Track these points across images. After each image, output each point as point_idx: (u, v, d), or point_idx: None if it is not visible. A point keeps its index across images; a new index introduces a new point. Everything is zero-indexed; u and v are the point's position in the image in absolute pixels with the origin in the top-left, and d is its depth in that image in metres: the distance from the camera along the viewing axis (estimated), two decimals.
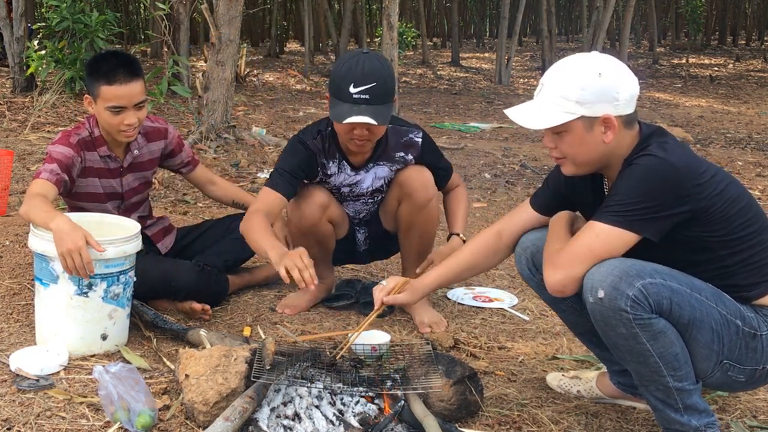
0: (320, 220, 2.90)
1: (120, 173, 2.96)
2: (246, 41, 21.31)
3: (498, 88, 14.59)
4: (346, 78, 2.63)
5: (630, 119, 1.96)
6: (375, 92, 2.61)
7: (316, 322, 2.96)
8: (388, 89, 2.67)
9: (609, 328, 1.86)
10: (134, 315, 2.74)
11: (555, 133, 1.98)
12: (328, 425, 2.06)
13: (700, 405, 1.93)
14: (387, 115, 2.67)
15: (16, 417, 2.11)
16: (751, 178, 6.36)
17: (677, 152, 1.90)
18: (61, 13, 8.52)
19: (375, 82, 2.61)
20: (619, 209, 1.88)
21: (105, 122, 2.82)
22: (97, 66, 2.80)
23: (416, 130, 2.96)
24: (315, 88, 13.49)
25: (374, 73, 2.62)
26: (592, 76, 1.91)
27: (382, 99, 2.64)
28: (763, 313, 1.94)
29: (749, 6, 30.26)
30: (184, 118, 8.01)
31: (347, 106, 2.62)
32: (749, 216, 1.93)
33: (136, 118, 2.80)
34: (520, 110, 2.03)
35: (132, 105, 2.78)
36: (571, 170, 2.05)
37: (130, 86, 2.76)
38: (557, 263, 1.94)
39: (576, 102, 1.91)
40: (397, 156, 2.91)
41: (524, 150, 7.57)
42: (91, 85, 2.80)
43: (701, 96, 13.93)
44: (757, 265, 1.94)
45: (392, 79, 2.70)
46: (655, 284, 1.82)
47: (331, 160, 2.90)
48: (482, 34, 34.23)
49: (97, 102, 2.80)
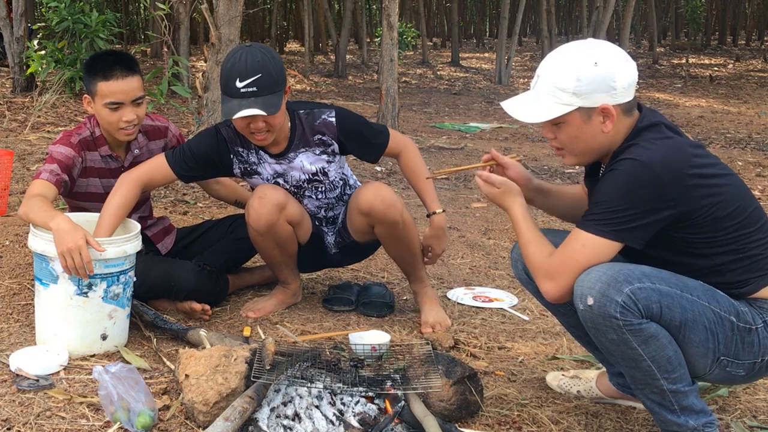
0: (277, 220, 2.83)
1: (121, 173, 2.93)
2: (246, 41, 21.31)
3: (498, 88, 14.59)
4: (232, 73, 2.63)
5: (629, 106, 1.93)
6: (261, 83, 2.61)
7: (316, 322, 2.96)
8: (275, 78, 2.65)
9: (600, 334, 1.86)
10: (134, 315, 2.74)
11: (554, 124, 1.96)
12: (328, 425, 2.06)
13: (697, 405, 1.92)
14: (277, 104, 2.65)
15: (16, 417, 2.11)
16: (751, 178, 6.36)
17: (661, 151, 1.85)
18: (61, 13, 8.53)
19: (260, 74, 2.61)
20: (601, 217, 1.86)
21: (104, 120, 2.83)
22: (94, 64, 2.81)
23: (328, 110, 2.89)
24: (315, 88, 13.50)
25: (257, 65, 2.61)
26: (587, 66, 1.87)
27: (269, 89, 2.63)
28: (758, 305, 1.92)
29: (749, 6, 30.25)
30: (184, 118, 8.01)
31: (236, 101, 2.62)
32: (742, 218, 1.90)
33: (134, 114, 2.80)
34: (516, 103, 2.01)
35: (130, 101, 2.79)
36: (572, 161, 2.04)
37: (126, 81, 2.77)
38: (548, 273, 1.94)
39: (572, 93, 1.88)
40: (315, 139, 2.87)
41: (524, 150, 7.57)
42: (89, 83, 2.81)
43: (701, 96, 13.93)
44: (748, 263, 1.92)
45: (278, 68, 2.67)
46: (643, 289, 1.81)
47: (248, 150, 2.87)
48: (482, 34, 34.24)
49: (95, 100, 2.80)
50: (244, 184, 3.47)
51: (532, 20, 34.93)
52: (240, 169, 2.90)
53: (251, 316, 2.98)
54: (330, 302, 3.13)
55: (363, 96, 12.85)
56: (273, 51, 2.75)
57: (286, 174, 2.90)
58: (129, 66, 2.81)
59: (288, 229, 2.89)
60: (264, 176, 2.90)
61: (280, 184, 2.91)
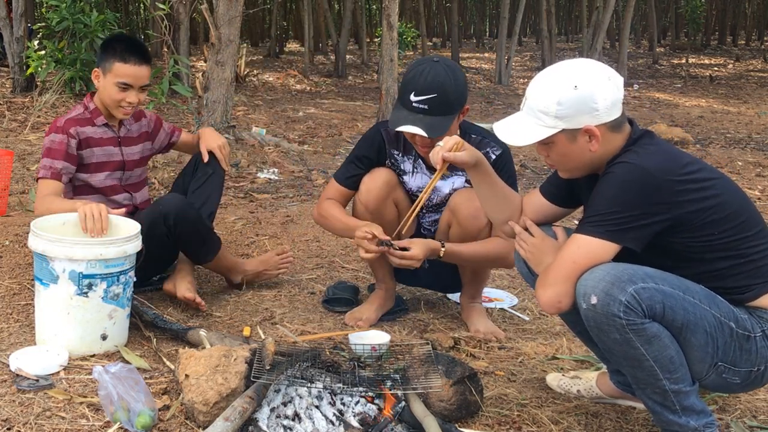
0: (387, 197, 2.83)
1: (118, 143, 3.16)
2: (246, 41, 21.32)
3: (498, 88, 14.59)
4: (410, 85, 2.60)
5: (616, 123, 1.95)
6: (434, 103, 2.57)
7: (316, 322, 2.96)
8: (450, 102, 2.59)
9: (603, 333, 1.86)
10: (134, 315, 2.74)
11: (543, 143, 2.00)
12: (328, 425, 2.06)
13: (698, 406, 1.92)
14: (443, 127, 2.58)
15: (16, 417, 2.11)
16: (751, 178, 6.36)
17: (654, 157, 1.88)
18: (60, 13, 8.53)
19: (435, 93, 2.57)
20: (597, 220, 1.88)
21: (108, 96, 3.04)
22: (114, 44, 3.05)
23: (497, 147, 2.83)
24: (315, 88, 13.50)
25: (435, 85, 2.57)
26: (567, 90, 1.90)
27: (441, 111, 2.59)
28: (758, 314, 1.93)
29: (749, 6, 30.26)
30: (184, 117, 8.02)
31: (405, 113, 2.61)
32: (739, 221, 1.91)
33: (137, 98, 3.06)
34: (505, 125, 2.06)
35: (138, 86, 3.04)
36: (566, 175, 2.09)
37: (141, 68, 3.03)
38: (546, 281, 1.95)
39: (555, 117, 1.92)
40: None
41: (524, 150, 7.57)
42: (105, 59, 3.03)
43: (701, 96, 13.93)
44: (749, 268, 1.93)
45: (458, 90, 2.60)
46: (647, 289, 1.81)
47: (406, 155, 2.88)
48: (482, 34, 34.23)
49: (107, 76, 3.02)
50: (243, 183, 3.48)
51: (532, 20, 34.93)
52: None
53: (360, 325, 2.92)
54: (330, 302, 3.13)
55: (363, 96, 12.85)
56: (458, 71, 2.67)
57: (433, 191, 2.88)
58: (145, 55, 3.08)
59: (394, 212, 2.88)
60: (410, 186, 2.90)
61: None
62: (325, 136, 8.18)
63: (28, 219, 3.92)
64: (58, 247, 2.45)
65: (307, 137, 8.03)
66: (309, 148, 7.40)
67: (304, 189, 5.58)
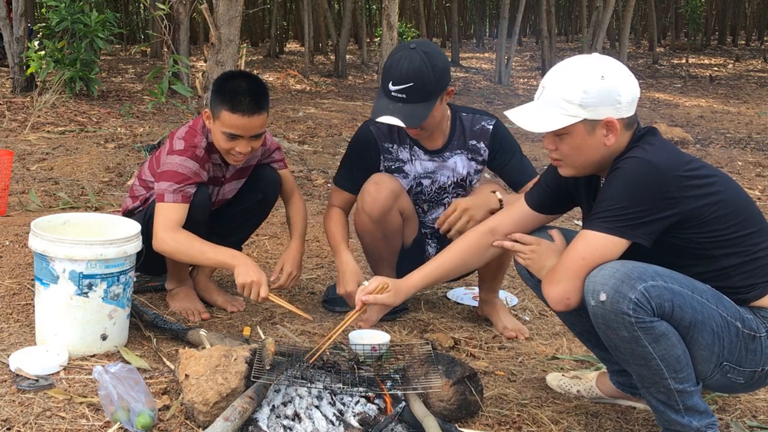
0: (392, 207, 2.81)
1: (221, 182, 2.92)
2: (246, 41, 21.32)
3: (498, 88, 14.59)
4: (388, 74, 2.61)
5: (631, 121, 1.97)
6: (411, 91, 2.58)
7: (316, 322, 2.96)
8: (429, 89, 2.59)
9: (611, 330, 1.86)
10: (134, 315, 2.74)
11: (556, 135, 1.98)
12: (328, 425, 2.06)
13: (701, 406, 1.93)
14: (423, 114, 2.60)
15: (16, 417, 2.11)
16: (751, 178, 6.36)
17: (660, 152, 1.89)
18: (60, 13, 8.54)
19: (412, 82, 2.57)
20: (607, 215, 1.88)
21: (217, 143, 2.75)
22: (225, 86, 2.67)
23: (489, 118, 2.88)
24: (315, 88, 13.50)
25: (411, 73, 2.57)
26: (594, 79, 1.91)
27: (420, 98, 2.59)
28: (762, 314, 1.93)
29: (749, 6, 30.27)
30: (185, 117, 8.01)
31: (385, 102, 2.62)
32: (743, 218, 1.91)
33: (249, 147, 2.72)
34: (521, 112, 2.02)
35: (249, 136, 2.70)
36: (569, 172, 2.06)
37: (252, 119, 2.65)
38: (554, 278, 1.95)
39: (579, 105, 1.91)
40: (470, 144, 2.86)
41: (524, 150, 7.56)
42: (215, 103, 2.69)
43: (701, 96, 13.93)
44: (754, 267, 1.93)
45: (436, 76, 2.59)
46: (657, 287, 1.81)
47: (400, 146, 2.87)
48: (482, 34, 34.23)
49: (215, 122, 2.71)
50: None
51: (532, 20, 34.93)
52: (384, 167, 2.91)
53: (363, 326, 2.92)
54: (330, 302, 3.13)
55: (363, 96, 12.85)
56: (436, 55, 2.64)
57: (436, 173, 2.89)
58: (259, 103, 2.66)
59: (398, 221, 2.88)
60: (410, 176, 2.89)
61: (424, 185, 2.91)
62: (325, 136, 8.18)
63: (28, 219, 3.92)
64: (59, 247, 2.45)
65: (307, 137, 8.03)
66: (309, 148, 7.40)
67: (304, 189, 5.57)
